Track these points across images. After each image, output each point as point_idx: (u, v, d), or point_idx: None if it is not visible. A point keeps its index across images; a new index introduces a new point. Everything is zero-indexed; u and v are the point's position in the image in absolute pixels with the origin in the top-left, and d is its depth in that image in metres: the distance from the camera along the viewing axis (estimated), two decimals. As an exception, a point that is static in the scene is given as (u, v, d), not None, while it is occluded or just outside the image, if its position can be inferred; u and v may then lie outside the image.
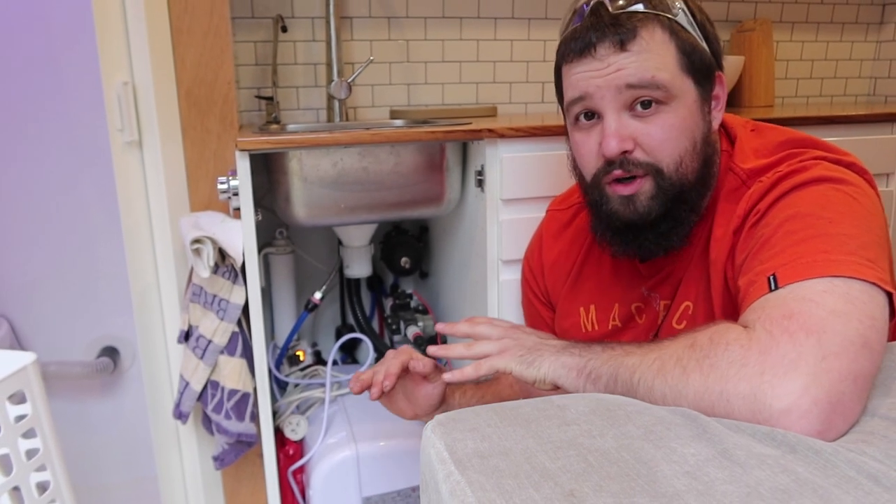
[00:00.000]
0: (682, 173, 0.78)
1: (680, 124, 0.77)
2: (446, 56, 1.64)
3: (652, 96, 0.76)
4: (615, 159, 0.78)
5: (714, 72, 0.81)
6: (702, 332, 0.65)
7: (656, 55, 0.76)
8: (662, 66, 0.76)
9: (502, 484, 0.50)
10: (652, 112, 0.77)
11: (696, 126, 0.79)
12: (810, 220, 0.69)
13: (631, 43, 0.76)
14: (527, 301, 1.09)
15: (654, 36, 0.76)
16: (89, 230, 1.54)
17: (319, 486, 1.19)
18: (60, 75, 1.45)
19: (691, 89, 0.78)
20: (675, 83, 0.77)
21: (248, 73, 1.51)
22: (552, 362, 0.74)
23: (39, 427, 0.83)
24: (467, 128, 1.13)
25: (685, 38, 0.78)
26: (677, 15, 0.78)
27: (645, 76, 0.76)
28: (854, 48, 1.95)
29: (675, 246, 0.83)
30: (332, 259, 1.57)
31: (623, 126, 0.78)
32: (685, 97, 0.78)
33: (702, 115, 0.79)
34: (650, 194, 0.79)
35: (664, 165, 0.78)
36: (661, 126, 0.77)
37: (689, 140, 0.78)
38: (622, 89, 0.76)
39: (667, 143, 0.77)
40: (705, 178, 0.81)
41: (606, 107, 0.78)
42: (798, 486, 0.49)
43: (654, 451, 0.54)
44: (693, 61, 0.78)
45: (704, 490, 0.49)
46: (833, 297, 0.62)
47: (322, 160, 1.13)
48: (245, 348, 1.18)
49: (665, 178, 0.78)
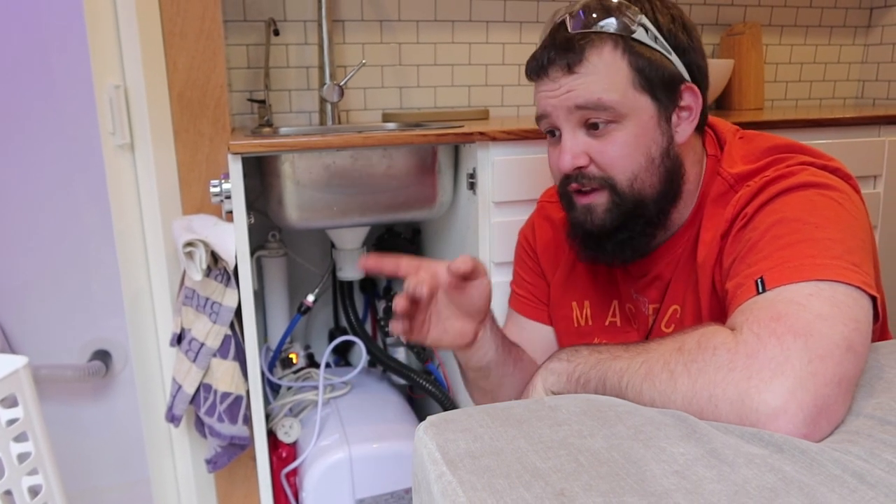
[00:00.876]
0: (636, 189, 0.81)
1: (633, 141, 0.80)
2: (438, 59, 1.64)
3: (600, 117, 0.79)
4: (571, 174, 0.82)
5: (679, 85, 0.81)
6: (689, 335, 0.66)
7: (604, 76, 0.78)
8: (610, 87, 0.78)
9: (493, 483, 0.51)
10: (603, 131, 0.80)
11: (653, 141, 0.80)
12: (796, 225, 0.70)
13: (578, 66, 0.78)
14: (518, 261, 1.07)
15: (602, 57, 0.78)
16: (81, 233, 1.54)
17: (312, 488, 1.19)
18: (52, 78, 1.45)
19: (647, 105, 0.80)
20: (626, 102, 0.79)
21: (240, 76, 1.52)
22: (541, 369, 0.76)
23: (31, 431, 0.83)
24: (459, 131, 1.14)
25: (643, 55, 0.79)
26: (635, 32, 0.79)
27: (591, 98, 0.78)
28: (842, 51, 1.97)
29: (638, 255, 0.86)
30: (325, 262, 1.57)
31: (577, 143, 0.81)
32: (639, 114, 0.79)
33: (660, 129, 0.81)
34: (605, 207, 0.82)
35: (617, 181, 0.81)
36: (613, 143, 0.80)
37: (643, 156, 0.80)
38: (572, 109, 0.80)
39: (619, 160, 0.80)
40: (668, 192, 0.82)
41: (563, 125, 0.82)
42: (785, 484, 0.50)
43: (643, 451, 0.55)
44: (650, 78, 0.79)
45: (693, 489, 0.50)
46: (819, 300, 0.62)
47: (314, 163, 1.13)
48: (238, 351, 1.18)
49: (619, 192, 0.81)
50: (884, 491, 0.49)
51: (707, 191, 0.84)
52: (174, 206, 1.25)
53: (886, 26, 1.92)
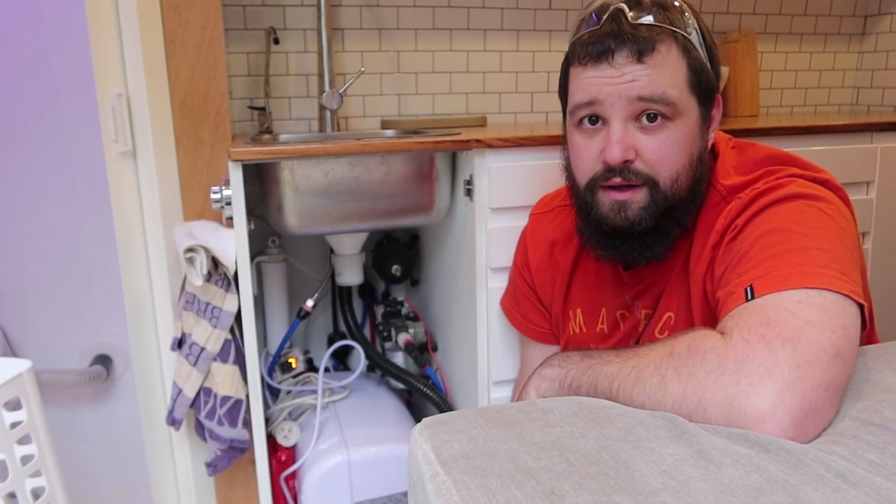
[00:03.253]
0: (676, 188, 0.80)
1: (682, 140, 0.79)
2: (437, 67, 1.66)
3: (660, 111, 0.78)
4: (616, 167, 0.80)
5: (715, 93, 0.83)
6: (680, 340, 0.67)
7: (670, 71, 0.78)
8: (674, 83, 0.78)
9: (486, 483, 0.52)
10: (657, 126, 0.79)
11: (695, 144, 0.81)
12: (785, 235, 0.71)
13: (648, 56, 0.77)
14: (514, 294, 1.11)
15: (670, 51, 0.78)
16: (82, 239, 1.55)
17: (311, 491, 1.20)
18: (55, 86, 1.47)
19: (695, 108, 0.80)
20: (683, 101, 0.79)
21: (240, 83, 1.53)
22: (534, 377, 0.79)
23: (35, 433, 0.84)
24: (456, 138, 1.15)
25: (696, 58, 0.80)
26: (691, 34, 0.80)
27: (657, 91, 0.77)
28: (837, 59, 1.99)
29: (657, 257, 0.85)
30: (324, 267, 1.58)
31: (628, 136, 0.79)
32: (689, 115, 0.80)
33: (700, 134, 0.82)
34: (643, 205, 0.80)
35: (661, 179, 0.80)
36: (664, 141, 0.79)
37: (687, 157, 0.80)
38: (633, 100, 0.78)
39: (667, 157, 0.79)
40: (695, 194, 0.83)
41: (615, 115, 0.79)
42: (769, 483, 0.51)
43: (632, 452, 0.56)
44: (700, 81, 0.80)
45: (680, 488, 0.51)
46: (808, 307, 0.64)
47: (314, 170, 1.15)
48: (238, 355, 1.20)
49: (660, 191, 0.80)
50: (865, 490, 0.50)
51: (701, 201, 0.85)
52: (175, 213, 1.26)
53: (881, 34, 1.94)
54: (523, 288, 1.08)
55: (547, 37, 1.71)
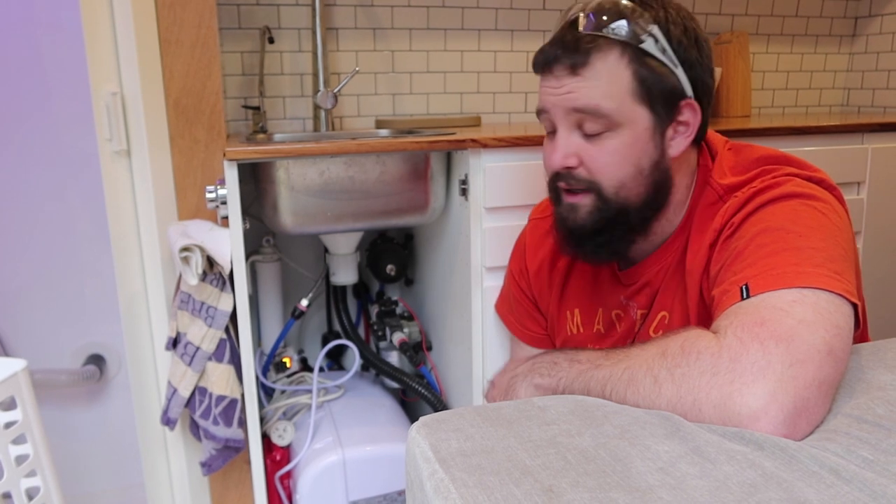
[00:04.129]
0: (622, 196, 0.82)
1: (624, 150, 0.80)
2: (431, 67, 1.66)
3: (596, 122, 0.80)
4: (560, 172, 0.83)
5: (679, 100, 0.81)
6: (672, 340, 0.67)
7: (605, 83, 0.79)
8: (609, 95, 0.79)
9: (484, 481, 0.53)
10: (598, 135, 0.80)
11: (644, 153, 0.81)
12: (781, 234, 0.72)
13: (582, 68, 0.79)
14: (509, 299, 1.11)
15: (607, 63, 0.79)
16: (76, 238, 1.54)
17: (306, 491, 1.20)
18: (49, 85, 1.46)
19: (644, 117, 0.80)
20: (623, 111, 0.79)
21: (235, 83, 1.53)
22: (525, 387, 0.79)
23: (30, 433, 0.84)
24: (451, 138, 1.15)
25: (648, 65, 0.79)
26: (644, 42, 0.79)
27: (589, 103, 0.79)
28: (828, 60, 2.01)
29: (615, 257, 0.88)
30: (319, 266, 1.58)
31: (570, 144, 0.82)
32: (634, 125, 0.80)
33: (654, 142, 0.81)
34: (589, 209, 0.83)
35: (604, 187, 0.82)
36: (604, 150, 0.80)
37: (632, 166, 0.81)
38: (570, 111, 0.81)
39: (608, 166, 0.81)
40: (653, 202, 0.83)
41: (559, 123, 0.83)
42: (764, 480, 0.52)
43: (629, 449, 0.57)
44: (650, 90, 0.79)
45: (676, 484, 0.52)
46: (802, 306, 0.64)
47: (309, 169, 1.15)
48: (233, 355, 1.19)
49: (604, 198, 0.82)
50: (858, 486, 0.51)
51: (697, 201, 0.85)
52: (170, 212, 1.26)
53: (871, 35, 1.95)
54: (518, 295, 1.08)
55: (541, 37, 1.72)
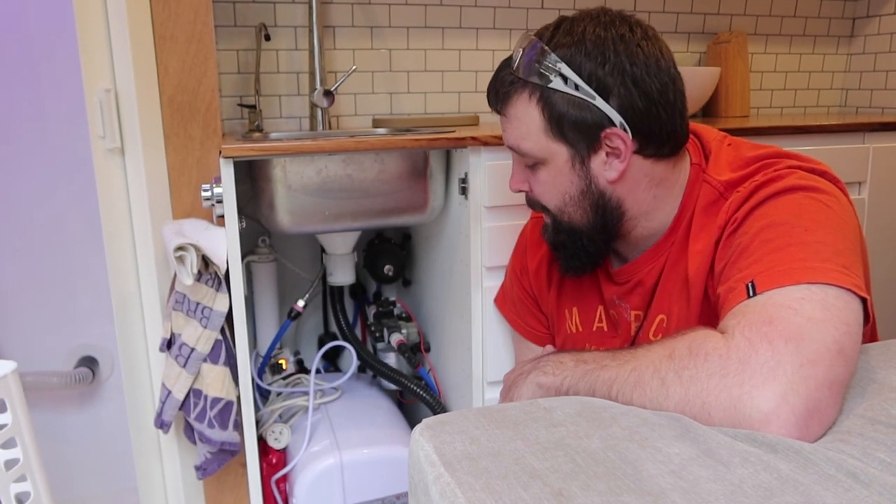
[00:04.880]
0: (566, 218, 0.87)
1: (550, 181, 0.85)
2: (429, 65, 1.65)
3: (524, 158, 0.86)
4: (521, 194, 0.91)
5: (599, 131, 0.79)
6: (679, 341, 0.66)
7: (522, 123, 0.83)
8: (526, 135, 0.83)
9: (492, 485, 0.51)
10: (533, 167, 0.86)
11: (570, 182, 0.84)
12: (786, 229, 0.71)
13: (505, 109, 0.85)
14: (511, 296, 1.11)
15: (517, 106, 0.83)
16: (69, 238, 1.52)
17: (303, 494, 1.18)
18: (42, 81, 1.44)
19: (561, 151, 0.82)
20: (541, 148, 0.83)
21: (230, 81, 1.51)
22: (528, 386, 0.78)
23: (20, 437, 0.82)
24: (451, 136, 1.14)
25: (557, 103, 0.79)
26: (551, 82, 0.78)
27: (513, 143, 0.85)
28: (826, 60, 2.00)
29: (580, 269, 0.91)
30: (315, 267, 1.57)
31: (518, 171, 0.89)
32: (554, 159, 0.83)
33: (576, 172, 0.83)
34: (550, 227, 0.90)
35: (550, 210, 0.88)
36: (538, 181, 0.86)
37: (562, 195, 0.85)
38: (511, 146, 0.87)
39: (544, 195, 0.87)
40: (604, 222, 0.85)
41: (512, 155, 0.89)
42: (780, 483, 0.51)
43: (639, 451, 0.55)
44: (562, 126, 0.80)
45: (689, 488, 0.50)
46: (811, 304, 0.63)
47: (306, 168, 1.13)
48: (228, 356, 1.17)
49: (554, 217, 0.88)
50: (878, 490, 0.49)
51: (693, 199, 0.84)
52: (164, 211, 1.24)
53: (869, 36, 1.95)
54: (520, 293, 1.07)
55: (539, 36, 1.71)
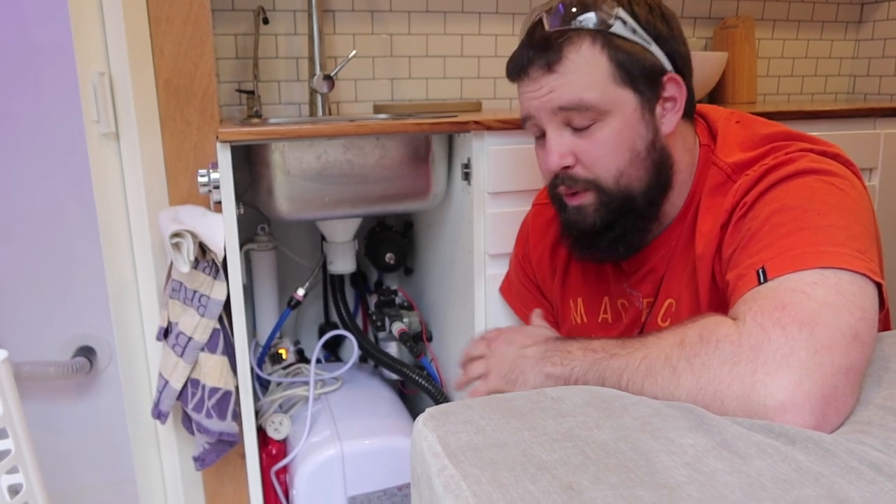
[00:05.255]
0: (623, 185, 0.80)
1: (617, 137, 0.79)
2: (430, 51, 1.62)
3: (583, 116, 0.78)
4: (558, 174, 0.81)
5: (661, 76, 0.79)
6: (690, 328, 0.64)
7: (584, 74, 0.77)
8: (590, 85, 0.77)
9: (498, 477, 0.49)
10: (588, 129, 0.79)
11: (638, 135, 0.79)
12: (798, 213, 0.69)
13: (557, 65, 0.78)
14: (515, 284, 1.09)
15: (581, 53, 0.77)
16: (64, 225, 1.50)
17: (303, 486, 1.17)
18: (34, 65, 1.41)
19: (630, 99, 0.78)
20: (608, 98, 0.78)
21: (228, 66, 1.48)
22: (535, 375, 0.75)
23: (11, 428, 0.80)
24: (454, 120, 1.11)
25: (622, 48, 0.77)
26: (612, 26, 0.77)
27: (572, 98, 0.78)
28: (834, 46, 1.97)
29: (625, 254, 0.85)
30: (315, 255, 1.54)
31: (562, 143, 0.80)
32: (622, 109, 0.78)
33: (645, 122, 0.79)
34: (594, 208, 0.81)
35: (603, 180, 0.80)
36: (598, 142, 0.79)
37: (629, 151, 0.79)
38: (556, 111, 0.79)
39: (604, 157, 0.79)
40: (657, 184, 0.81)
41: (547, 125, 0.81)
42: (800, 475, 0.48)
43: (652, 443, 0.53)
44: (630, 71, 0.78)
45: (705, 481, 0.48)
46: (824, 288, 0.61)
47: (305, 153, 1.10)
48: (226, 345, 1.15)
49: (606, 192, 0.80)
50: (903, 482, 0.47)
51: (701, 181, 0.82)
52: (161, 197, 1.21)
53: (878, 21, 1.92)
54: (524, 280, 1.05)
55: (543, 20, 1.68)
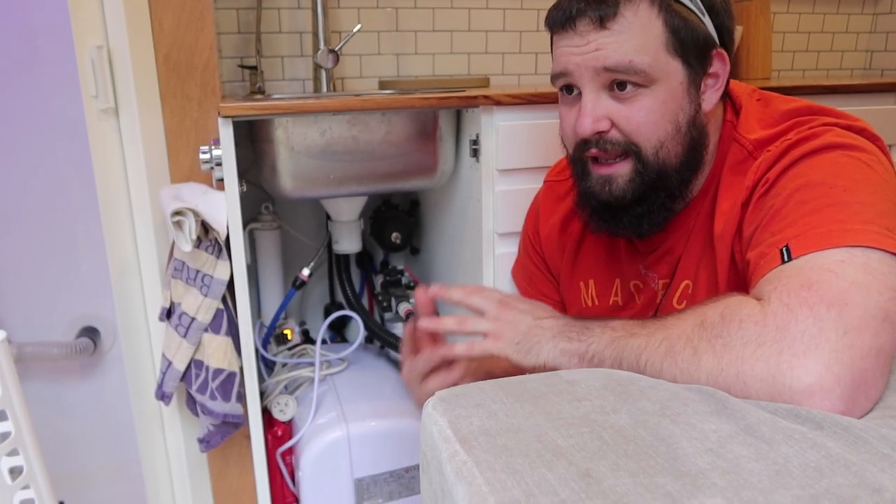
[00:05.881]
0: (661, 158, 0.75)
1: (660, 108, 0.74)
2: (437, 25, 1.58)
3: (629, 80, 0.73)
4: (591, 138, 0.76)
5: (710, 49, 0.76)
6: (712, 308, 0.62)
7: (638, 36, 0.72)
8: (643, 48, 0.72)
9: (512, 464, 0.47)
10: (630, 94, 0.74)
11: (681, 109, 0.75)
12: (823, 189, 0.66)
13: (611, 21, 0.72)
14: (524, 263, 1.06)
15: (638, 14, 0.72)
16: (68, 204, 1.48)
17: (309, 467, 1.15)
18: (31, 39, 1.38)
19: (678, 70, 0.74)
20: (658, 66, 0.73)
21: (230, 41, 1.45)
22: (550, 349, 0.71)
23: (10, 409, 0.78)
24: (462, 94, 1.08)
25: (678, 14, 0.73)
26: None
27: (622, 60, 0.72)
28: (850, 21, 1.92)
29: (652, 230, 0.81)
30: (321, 234, 1.52)
31: (600, 106, 0.75)
32: (669, 79, 0.74)
33: (689, 97, 0.75)
34: (628, 178, 0.77)
35: (643, 148, 0.75)
36: (640, 109, 0.74)
37: (671, 123, 0.75)
38: (599, 70, 0.74)
39: (645, 126, 0.74)
40: (691, 162, 0.78)
41: (585, 85, 0.75)
42: (830, 462, 0.46)
43: (672, 428, 0.51)
44: (683, 40, 0.73)
45: (730, 468, 0.46)
46: (852, 267, 0.58)
47: (310, 129, 1.07)
48: (230, 326, 1.13)
49: (643, 161, 0.76)
50: (941, 470, 0.45)
51: (722, 159, 0.79)
52: (162, 175, 1.19)
53: (897, -6, 1.86)
54: (534, 257, 1.03)
55: (553, -7, 1.63)
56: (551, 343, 0.71)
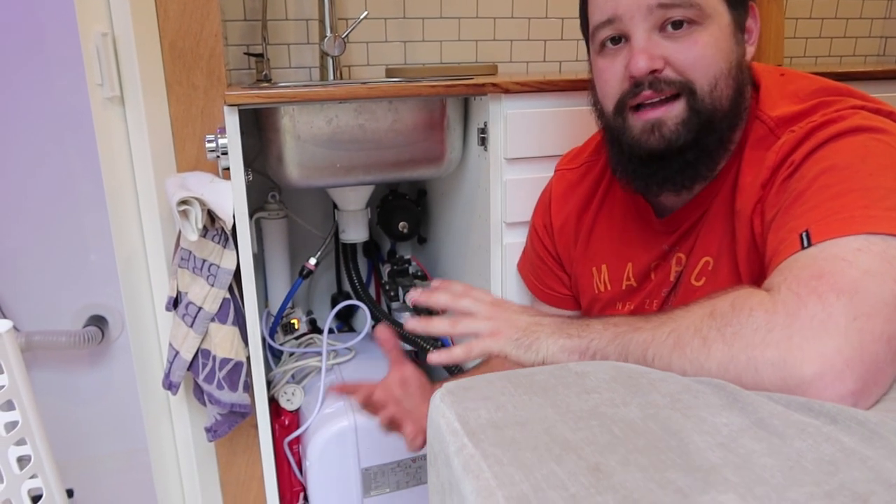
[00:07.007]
0: (716, 97, 0.74)
1: (715, 44, 0.73)
2: (444, 12, 1.56)
3: (685, 15, 0.72)
4: (643, 79, 0.74)
5: (748, 1, 0.77)
6: (721, 299, 0.61)
7: None
8: None
9: (521, 457, 0.46)
10: (684, 32, 0.73)
11: (731, 50, 0.75)
12: (848, 173, 0.64)
13: None
14: (530, 257, 1.05)
15: None
16: (75, 193, 1.48)
17: (316, 457, 1.15)
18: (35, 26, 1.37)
19: (725, 13, 0.74)
20: (710, 3, 0.73)
21: (236, 29, 1.44)
22: (550, 345, 0.69)
23: (18, 399, 0.78)
24: (469, 82, 1.07)
25: None
26: None
27: None
28: (865, 6, 1.89)
29: (702, 178, 0.78)
30: (327, 224, 1.51)
31: (653, 45, 0.74)
32: (720, 18, 0.74)
33: (735, 39, 0.75)
34: (681, 118, 0.74)
35: (698, 85, 0.74)
36: (695, 44, 0.73)
37: (724, 61, 0.74)
38: (653, 9, 0.73)
39: (701, 60, 0.73)
40: (737, 109, 0.76)
41: (635, 27, 0.74)
42: (845, 457, 0.45)
43: (683, 421, 0.50)
44: None
45: (742, 463, 0.45)
46: (868, 255, 0.57)
47: (316, 117, 1.07)
48: (237, 315, 1.13)
49: (698, 99, 0.74)
50: (960, 466, 0.44)
51: (745, 135, 0.77)
52: (168, 163, 1.18)
53: (913, -21, 1.83)
54: (542, 252, 1.01)
55: (561, -20, 1.62)
56: (551, 339, 0.69)
